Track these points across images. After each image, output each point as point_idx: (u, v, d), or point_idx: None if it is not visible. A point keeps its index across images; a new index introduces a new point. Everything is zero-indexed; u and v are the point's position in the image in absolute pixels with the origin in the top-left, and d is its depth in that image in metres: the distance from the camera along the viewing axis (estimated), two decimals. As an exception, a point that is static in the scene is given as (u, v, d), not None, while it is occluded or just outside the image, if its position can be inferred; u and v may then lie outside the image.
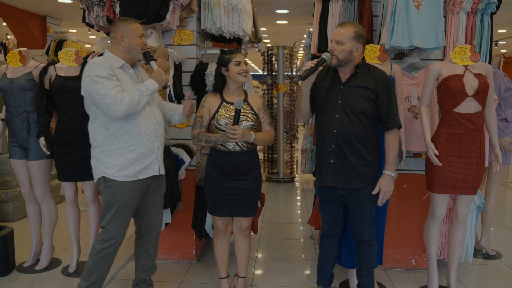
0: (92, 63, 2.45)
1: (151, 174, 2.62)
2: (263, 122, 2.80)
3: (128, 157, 2.51)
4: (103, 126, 2.49)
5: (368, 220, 2.66)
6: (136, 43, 2.56)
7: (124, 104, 2.38)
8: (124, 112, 2.40)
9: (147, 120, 2.54)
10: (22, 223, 4.70)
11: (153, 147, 2.59)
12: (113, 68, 2.48)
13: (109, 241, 2.54)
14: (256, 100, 2.81)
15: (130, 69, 2.60)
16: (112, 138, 2.49)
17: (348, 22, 2.58)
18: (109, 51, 2.58)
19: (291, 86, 7.14)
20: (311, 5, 3.74)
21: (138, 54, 2.59)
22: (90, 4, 3.42)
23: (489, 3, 3.23)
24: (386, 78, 2.56)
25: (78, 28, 9.36)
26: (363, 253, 2.74)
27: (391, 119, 2.54)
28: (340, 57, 2.50)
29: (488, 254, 3.89)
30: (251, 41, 4.13)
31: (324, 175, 2.61)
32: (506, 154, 3.75)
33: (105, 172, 2.52)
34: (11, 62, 3.39)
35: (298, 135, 7.48)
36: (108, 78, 2.41)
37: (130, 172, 2.52)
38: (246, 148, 2.72)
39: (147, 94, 2.49)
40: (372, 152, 2.57)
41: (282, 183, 7.16)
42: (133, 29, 2.56)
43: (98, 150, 2.54)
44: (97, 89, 2.38)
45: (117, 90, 2.40)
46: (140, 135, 2.52)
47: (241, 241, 2.92)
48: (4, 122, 3.48)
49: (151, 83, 2.54)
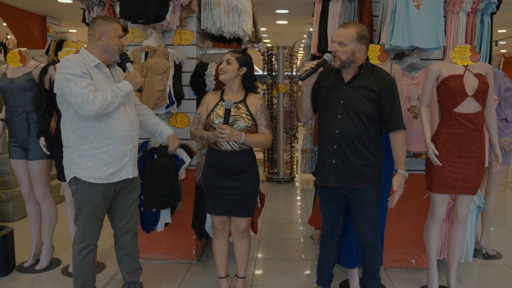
0: (66, 60, 2.41)
1: (124, 177, 2.58)
2: (260, 124, 2.77)
3: (100, 159, 2.47)
4: (75, 125, 2.45)
5: (371, 222, 2.64)
6: (113, 44, 2.51)
7: (96, 104, 2.33)
8: (96, 112, 2.35)
9: (120, 121, 2.50)
10: (22, 223, 4.70)
11: (126, 149, 2.55)
12: (87, 67, 2.43)
13: (84, 242, 2.54)
14: (255, 102, 2.78)
15: (105, 68, 2.55)
16: (84, 138, 2.45)
17: (351, 23, 2.55)
18: (85, 49, 2.53)
19: (291, 86, 7.14)
20: (311, 5, 3.74)
21: (115, 55, 2.54)
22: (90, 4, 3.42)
23: (489, 3, 3.23)
24: (389, 79, 2.54)
25: (78, 28, 9.36)
26: (366, 256, 2.73)
27: (394, 120, 2.52)
28: (343, 58, 2.48)
29: (488, 254, 3.89)
30: (251, 41, 4.13)
31: (325, 175, 2.61)
32: (506, 154, 3.75)
33: (76, 172, 2.48)
34: (11, 62, 3.39)
35: (298, 135, 7.47)
36: (81, 76, 2.36)
37: (102, 174, 2.49)
38: (238, 148, 2.71)
39: (120, 95, 2.44)
40: (374, 153, 2.56)
41: (282, 183, 7.16)
42: (112, 28, 2.51)
43: (70, 150, 2.50)
44: (69, 87, 2.34)
45: (90, 89, 2.36)
46: (113, 136, 2.48)
47: (239, 242, 2.92)
48: (4, 122, 3.48)
49: (125, 85, 2.49)
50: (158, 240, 3.65)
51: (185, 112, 3.58)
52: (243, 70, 2.77)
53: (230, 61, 2.73)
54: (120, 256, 2.79)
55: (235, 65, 2.73)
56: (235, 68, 2.74)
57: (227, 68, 2.73)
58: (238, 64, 2.74)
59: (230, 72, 2.73)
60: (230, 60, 2.73)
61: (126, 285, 2.84)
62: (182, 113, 3.58)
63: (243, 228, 2.86)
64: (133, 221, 2.74)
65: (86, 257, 2.56)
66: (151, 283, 3.24)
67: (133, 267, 2.81)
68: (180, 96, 3.46)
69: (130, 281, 2.83)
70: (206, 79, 3.46)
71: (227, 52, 2.81)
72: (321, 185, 2.68)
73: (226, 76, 2.74)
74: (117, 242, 2.77)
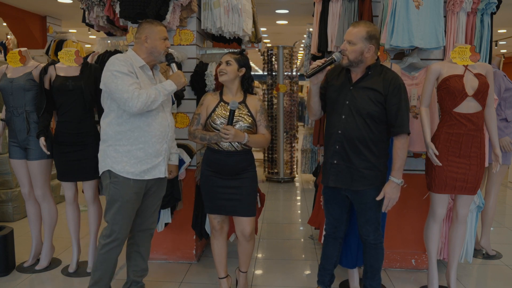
0: (115, 58, 2.51)
1: (157, 175, 2.64)
2: (260, 125, 2.80)
3: (135, 155, 2.54)
4: (116, 121, 2.54)
5: (373, 223, 2.63)
6: (159, 45, 2.61)
7: (140, 100, 2.42)
8: (139, 109, 2.44)
9: (158, 121, 2.59)
10: (22, 223, 4.70)
11: (161, 148, 2.62)
12: (133, 66, 2.53)
13: (111, 236, 2.57)
14: (254, 103, 2.81)
15: (149, 70, 2.64)
16: (122, 133, 2.53)
17: (362, 22, 2.53)
18: (133, 51, 2.63)
19: (291, 86, 7.14)
20: (311, 5, 3.74)
21: (161, 56, 2.64)
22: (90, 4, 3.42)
23: (489, 3, 3.23)
24: (398, 81, 2.49)
25: (78, 28, 9.37)
26: (368, 255, 2.73)
27: (399, 124, 2.47)
28: (351, 57, 2.47)
29: (488, 254, 3.89)
30: (251, 41, 4.13)
31: (327, 175, 2.61)
32: (506, 154, 3.75)
33: (111, 166, 2.55)
34: (11, 62, 3.39)
35: (298, 135, 7.48)
36: (128, 74, 2.46)
37: (136, 170, 2.55)
38: (240, 148, 2.74)
39: (163, 94, 2.54)
40: (378, 156, 2.53)
41: (282, 183, 7.16)
42: (157, 31, 2.61)
43: (107, 144, 2.58)
44: (116, 84, 2.43)
45: (135, 86, 2.46)
46: (150, 135, 2.55)
47: (245, 244, 2.92)
48: (4, 122, 3.47)
49: (169, 84, 2.59)
50: (158, 240, 3.65)
51: (185, 112, 3.58)
52: (242, 71, 2.78)
53: (229, 62, 2.75)
54: (131, 253, 2.82)
55: (234, 66, 2.75)
56: (235, 69, 2.75)
57: (227, 69, 2.74)
58: (238, 65, 2.76)
59: (230, 73, 2.74)
60: (230, 61, 2.75)
61: (128, 283, 2.85)
62: (182, 113, 3.58)
63: (248, 232, 2.86)
64: (152, 220, 2.80)
65: (109, 252, 2.60)
66: (151, 283, 3.24)
67: (140, 267, 2.84)
68: (180, 96, 3.46)
69: (133, 280, 2.84)
70: (206, 79, 3.46)
71: (225, 54, 2.82)
72: (323, 184, 2.68)
73: (226, 78, 2.75)
74: (131, 238, 2.80)
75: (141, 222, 2.76)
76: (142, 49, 2.61)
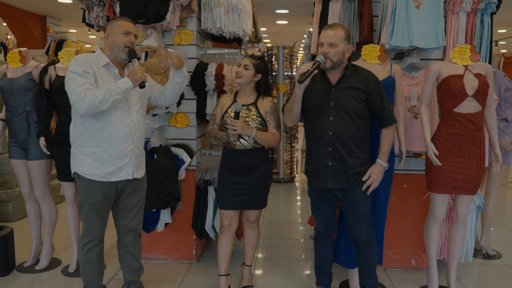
0: (74, 58, 2.47)
1: (124, 177, 2.58)
2: (269, 125, 2.90)
3: (100, 157, 2.50)
4: (80, 123, 2.50)
5: (364, 220, 2.66)
6: (118, 40, 2.49)
7: (86, 101, 2.33)
8: (86, 110, 2.36)
9: (121, 121, 2.50)
10: (22, 223, 4.70)
11: (127, 149, 2.54)
12: (93, 66, 2.45)
13: (87, 237, 2.57)
14: (265, 104, 2.89)
15: (115, 68, 2.56)
16: (86, 135, 2.49)
17: (336, 24, 2.60)
18: (99, 49, 2.58)
19: (291, 86, 7.14)
20: (311, 5, 3.74)
21: (120, 52, 2.51)
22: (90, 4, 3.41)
23: (489, 3, 3.23)
24: (374, 77, 2.61)
25: (78, 28, 9.37)
26: (362, 254, 2.74)
27: (386, 116, 2.59)
28: (335, 59, 2.51)
29: (488, 254, 3.89)
30: (251, 41, 4.13)
31: (322, 178, 2.61)
32: (506, 154, 3.75)
33: (77, 168, 2.54)
34: (11, 62, 3.39)
35: (298, 135, 7.47)
36: (81, 75, 2.39)
37: (101, 172, 2.51)
38: (250, 147, 2.83)
39: (116, 93, 2.38)
40: (365, 151, 2.62)
41: (282, 183, 7.15)
42: (118, 25, 2.51)
43: (74, 145, 2.56)
44: (69, 85, 2.40)
45: (85, 87, 2.36)
46: (113, 136, 2.49)
47: (249, 231, 3.08)
48: (4, 122, 3.48)
49: (123, 82, 2.43)
50: (158, 240, 3.65)
51: (185, 112, 3.58)
52: (258, 77, 2.87)
53: (247, 66, 2.83)
54: (122, 255, 2.81)
55: (251, 71, 2.83)
56: (251, 74, 2.84)
57: (243, 73, 2.83)
58: (255, 70, 2.84)
59: (246, 77, 2.83)
60: (248, 66, 2.83)
61: (126, 284, 2.85)
62: (182, 113, 3.58)
63: (253, 219, 3.02)
64: (135, 221, 2.75)
65: (89, 252, 2.59)
66: (151, 283, 3.25)
67: (134, 266, 2.82)
68: (180, 96, 3.45)
69: (130, 280, 2.83)
70: (206, 79, 3.46)
71: (245, 56, 2.90)
72: (317, 187, 2.68)
73: (241, 81, 2.84)
74: (119, 241, 2.79)
75: (125, 223, 2.72)
76: (106, 46, 2.54)
